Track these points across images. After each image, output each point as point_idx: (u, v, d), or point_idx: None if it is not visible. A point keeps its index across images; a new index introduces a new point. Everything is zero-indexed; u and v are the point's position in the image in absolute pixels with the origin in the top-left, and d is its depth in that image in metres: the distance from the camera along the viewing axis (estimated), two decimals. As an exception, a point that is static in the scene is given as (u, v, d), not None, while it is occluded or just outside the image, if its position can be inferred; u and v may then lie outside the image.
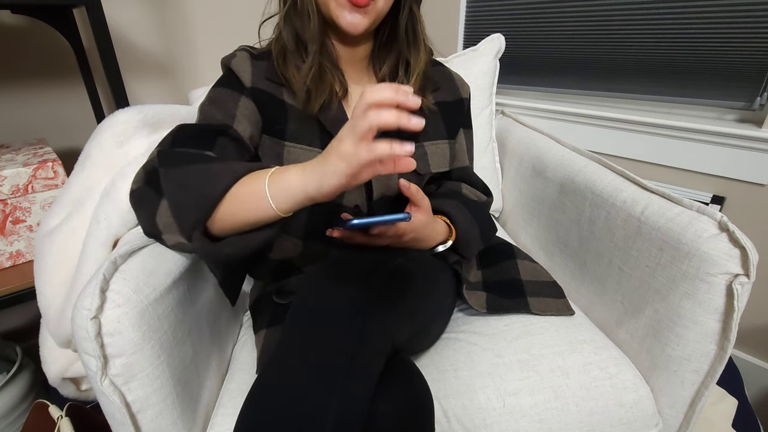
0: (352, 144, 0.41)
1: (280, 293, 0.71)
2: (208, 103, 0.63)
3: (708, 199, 1.08)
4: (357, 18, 0.58)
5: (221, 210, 0.49)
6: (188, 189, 0.49)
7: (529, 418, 0.58)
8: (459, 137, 0.77)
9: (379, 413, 0.42)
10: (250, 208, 0.48)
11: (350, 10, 0.57)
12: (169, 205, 0.50)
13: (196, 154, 0.53)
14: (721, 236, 0.54)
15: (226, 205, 0.49)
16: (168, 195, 0.50)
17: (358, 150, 0.41)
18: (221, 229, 0.51)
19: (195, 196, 0.48)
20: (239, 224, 0.50)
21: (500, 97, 1.40)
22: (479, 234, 0.69)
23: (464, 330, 0.69)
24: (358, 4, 0.56)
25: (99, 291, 0.46)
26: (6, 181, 0.81)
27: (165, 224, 0.51)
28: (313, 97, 0.62)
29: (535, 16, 1.32)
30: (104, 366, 0.46)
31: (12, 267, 0.87)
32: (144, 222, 0.53)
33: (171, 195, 0.49)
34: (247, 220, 0.49)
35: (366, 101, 0.40)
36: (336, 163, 0.42)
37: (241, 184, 0.49)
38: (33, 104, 1.11)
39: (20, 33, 1.05)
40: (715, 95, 1.06)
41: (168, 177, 0.50)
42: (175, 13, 1.28)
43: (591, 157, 0.81)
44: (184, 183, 0.49)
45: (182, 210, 0.49)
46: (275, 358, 0.44)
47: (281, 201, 0.46)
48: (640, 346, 0.65)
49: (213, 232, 0.52)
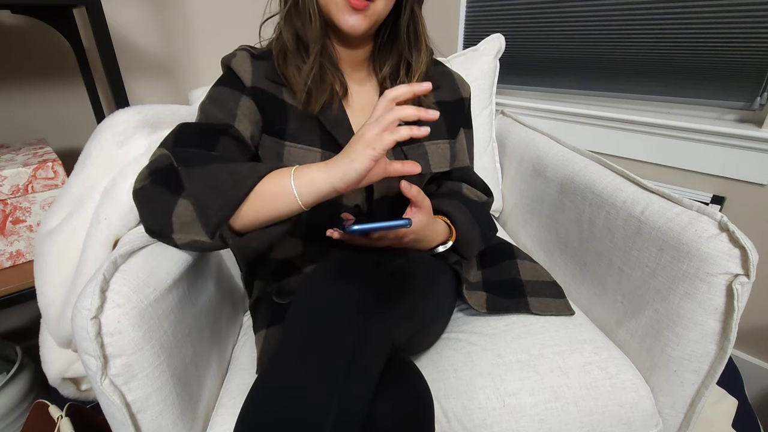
0: (375, 133, 0.47)
1: (280, 293, 0.71)
2: (209, 102, 0.63)
3: (708, 199, 1.08)
4: (357, 20, 0.58)
5: (244, 208, 0.51)
6: (214, 188, 0.50)
7: (529, 418, 0.58)
8: (459, 137, 0.77)
9: (379, 413, 0.42)
10: (274, 204, 0.51)
11: (350, 12, 0.57)
12: (193, 204, 0.50)
13: (209, 155, 0.55)
14: (721, 236, 0.54)
15: (250, 203, 0.51)
16: (193, 194, 0.50)
17: (382, 135, 0.46)
18: (242, 227, 0.53)
19: (221, 195, 0.50)
20: (261, 220, 0.52)
21: (500, 97, 1.40)
22: (479, 234, 0.69)
23: (464, 330, 0.69)
24: (357, 6, 0.56)
25: (99, 291, 0.46)
26: (6, 181, 0.81)
27: (182, 223, 0.51)
28: (314, 98, 0.62)
29: (535, 16, 1.32)
30: (104, 366, 0.46)
31: (12, 267, 0.87)
32: (153, 220, 0.53)
33: (196, 194, 0.50)
34: (270, 216, 0.51)
35: (388, 97, 0.48)
36: (361, 150, 0.47)
37: (265, 182, 0.51)
38: (33, 104, 1.11)
39: (20, 33, 1.05)
40: (715, 95, 1.06)
41: (192, 177, 0.51)
42: (175, 13, 1.28)
43: (591, 157, 0.81)
44: (208, 183, 0.51)
45: (208, 209, 0.50)
46: (275, 358, 0.44)
47: (306, 195, 0.50)
48: (640, 346, 0.65)
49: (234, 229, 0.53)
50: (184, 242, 0.53)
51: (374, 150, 0.46)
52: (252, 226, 0.53)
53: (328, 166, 0.49)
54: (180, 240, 0.53)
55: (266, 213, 0.51)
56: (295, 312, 0.48)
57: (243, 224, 0.52)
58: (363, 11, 0.57)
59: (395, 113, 0.47)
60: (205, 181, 0.51)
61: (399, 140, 0.46)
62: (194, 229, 0.51)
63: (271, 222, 0.53)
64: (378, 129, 0.47)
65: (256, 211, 0.51)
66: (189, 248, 0.55)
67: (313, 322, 0.46)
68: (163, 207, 0.51)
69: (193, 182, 0.51)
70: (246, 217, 0.52)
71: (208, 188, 0.50)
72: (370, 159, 0.46)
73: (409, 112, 0.46)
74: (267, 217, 0.52)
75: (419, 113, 0.47)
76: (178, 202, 0.51)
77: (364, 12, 0.57)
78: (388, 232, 0.57)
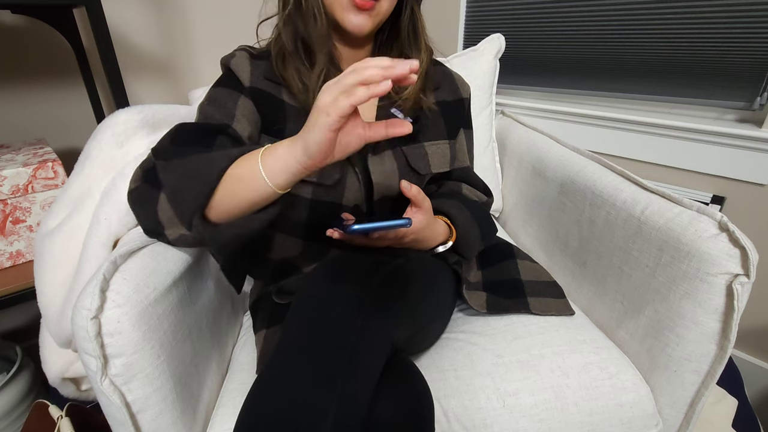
0: (331, 95, 0.41)
1: (280, 293, 0.71)
2: (207, 103, 0.63)
3: (708, 199, 1.08)
4: (363, 20, 0.58)
5: (219, 193, 0.48)
6: (186, 177, 0.49)
7: (529, 418, 0.58)
8: (459, 137, 0.77)
9: (379, 413, 0.42)
10: (247, 188, 0.47)
11: (356, 12, 0.57)
12: (167, 195, 0.50)
13: (194, 150, 0.53)
14: (721, 236, 0.54)
15: (224, 188, 0.48)
16: (166, 185, 0.50)
17: (338, 99, 0.40)
18: (221, 214, 0.50)
19: (192, 183, 0.48)
20: (239, 206, 0.49)
21: (500, 97, 1.40)
22: (479, 234, 0.69)
23: (464, 330, 0.69)
24: (363, 6, 0.56)
25: (99, 291, 0.46)
26: (6, 181, 0.81)
27: (167, 218, 0.51)
28: (314, 98, 0.62)
29: (535, 16, 1.32)
30: (104, 366, 0.46)
31: (12, 267, 0.87)
32: (145, 219, 0.53)
33: (169, 184, 0.50)
34: (246, 201, 0.48)
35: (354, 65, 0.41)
36: (316, 116, 0.42)
37: (236, 166, 0.48)
38: (33, 104, 1.11)
39: (20, 33, 1.05)
40: (715, 95, 1.06)
41: (166, 168, 0.50)
42: (175, 13, 1.28)
43: (591, 157, 0.81)
44: (182, 172, 0.49)
45: (181, 198, 0.49)
46: (275, 358, 0.44)
47: (275, 174, 0.46)
48: (640, 346, 0.65)
49: (213, 220, 0.51)
50: (173, 238, 0.53)
51: (328, 116, 0.40)
52: (230, 214, 0.50)
53: (293, 140, 0.45)
54: (170, 236, 0.53)
55: (242, 198, 0.48)
56: (295, 312, 0.48)
57: (220, 212, 0.50)
58: (368, 11, 0.57)
59: (356, 75, 0.39)
60: (180, 171, 0.49)
61: (356, 103, 0.40)
62: (176, 221, 0.51)
63: (250, 209, 0.49)
64: (335, 92, 0.40)
65: (231, 198, 0.48)
66: (181, 244, 0.55)
67: (313, 323, 0.46)
68: (150, 205, 0.51)
69: (168, 174, 0.50)
70: (222, 204, 0.49)
71: (182, 179, 0.49)
72: (325, 128, 0.41)
73: (372, 72, 0.39)
74: (243, 203, 0.48)
75: (384, 72, 0.39)
76: (159, 198, 0.51)
77: (369, 12, 0.58)
78: (388, 232, 0.57)
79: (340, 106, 0.40)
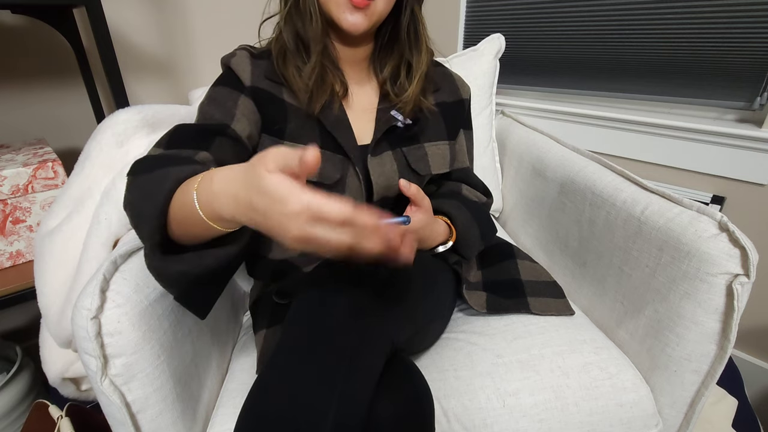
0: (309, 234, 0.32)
1: (280, 293, 0.71)
2: (207, 103, 0.63)
3: (708, 199, 1.08)
4: (358, 18, 0.58)
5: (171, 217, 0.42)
6: (142, 197, 0.43)
7: (529, 418, 0.58)
8: (459, 138, 0.77)
9: (379, 413, 0.42)
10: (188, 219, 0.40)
11: (351, 10, 0.57)
12: (129, 216, 0.45)
13: (171, 157, 0.48)
14: (721, 236, 0.54)
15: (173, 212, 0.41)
16: (127, 204, 0.45)
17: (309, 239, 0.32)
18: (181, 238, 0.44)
19: (148, 203, 0.42)
20: (193, 236, 0.42)
21: (500, 97, 1.40)
22: (479, 234, 0.69)
23: (464, 330, 0.69)
24: (358, 5, 0.56)
25: (99, 291, 0.46)
26: (6, 181, 0.81)
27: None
28: (314, 98, 0.62)
29: (535, 16, 1.32)
30: (104, 366, 0.46)
31: (12, 267, 0.87)
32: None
33: (129, 205, 0.45)
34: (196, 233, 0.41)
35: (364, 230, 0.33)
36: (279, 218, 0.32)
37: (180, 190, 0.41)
38: (33, 104, 1.11)
39: (20, 33, 1.05)
40: (715, 95, 1.06)
41: (131, 186, 0.45)
42: (175, 13, 1.28)
43: (591, 157, 0.81)
44: (140, 192, 0.44)
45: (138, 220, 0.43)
46: (275, 359, 0.44)
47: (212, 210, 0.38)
48: (640, 346, 0.65)
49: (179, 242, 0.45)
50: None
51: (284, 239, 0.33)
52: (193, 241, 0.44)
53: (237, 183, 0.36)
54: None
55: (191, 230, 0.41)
56: (296, 312, 0.48)
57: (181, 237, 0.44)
58: (364, 10, 0.57)
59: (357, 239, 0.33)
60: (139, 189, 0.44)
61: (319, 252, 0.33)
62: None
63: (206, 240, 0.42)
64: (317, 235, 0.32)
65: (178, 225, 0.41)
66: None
67: (313, 323, 0.46)
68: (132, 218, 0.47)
69: (130, 193, 0.45)
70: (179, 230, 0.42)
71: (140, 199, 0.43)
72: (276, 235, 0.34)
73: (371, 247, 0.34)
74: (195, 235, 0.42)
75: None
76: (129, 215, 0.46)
77: (364, 11, 0.57)
78: None
79: (300, 246, 0.33)
